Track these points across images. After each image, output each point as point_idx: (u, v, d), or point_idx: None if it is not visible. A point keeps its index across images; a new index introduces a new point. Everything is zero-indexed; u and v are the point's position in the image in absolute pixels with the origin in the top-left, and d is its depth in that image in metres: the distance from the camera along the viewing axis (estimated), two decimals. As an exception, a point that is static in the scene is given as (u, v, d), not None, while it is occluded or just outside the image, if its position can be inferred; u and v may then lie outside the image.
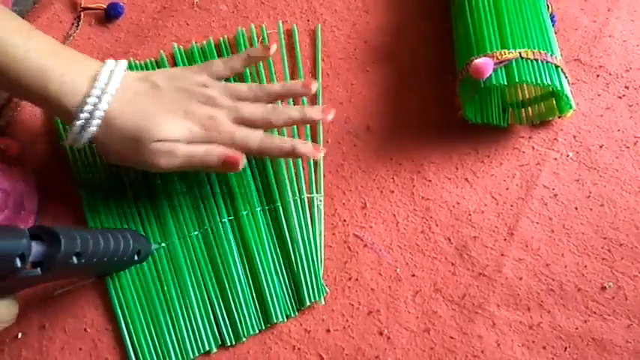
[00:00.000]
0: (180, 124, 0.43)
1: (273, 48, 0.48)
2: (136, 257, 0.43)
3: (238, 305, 0.46)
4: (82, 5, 0.55)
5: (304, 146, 0.45)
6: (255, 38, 0.54)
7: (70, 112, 0.41)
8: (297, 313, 0.46)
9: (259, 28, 0.55)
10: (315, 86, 0.47)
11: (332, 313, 0.46)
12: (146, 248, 0.44)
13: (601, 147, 0.51)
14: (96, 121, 0.41)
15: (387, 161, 0.50)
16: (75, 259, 0.35)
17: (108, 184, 0.49)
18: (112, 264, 0.41)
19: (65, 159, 0.49)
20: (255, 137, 0.44)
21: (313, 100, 0.52)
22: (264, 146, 0.44)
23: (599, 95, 0.52)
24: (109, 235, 0.39)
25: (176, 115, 0.43)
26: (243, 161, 0.43)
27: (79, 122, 0.41)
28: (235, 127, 0.44)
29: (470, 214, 0.49)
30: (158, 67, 0.53)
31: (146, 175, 0.49)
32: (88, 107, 0.41)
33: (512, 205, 0.49)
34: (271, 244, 0.48)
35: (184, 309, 0.46)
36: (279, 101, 0.49)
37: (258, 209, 0.48)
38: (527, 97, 0.51)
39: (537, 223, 0.48)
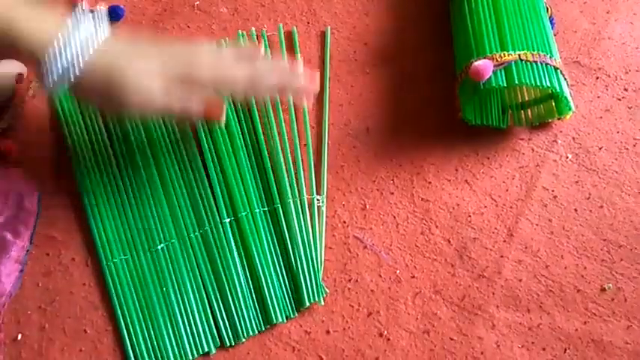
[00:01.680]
0: (157, 63, 0.41)
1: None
2: None
3: (238, 306, 0.46)
4: (83, 8, 0.55)
5: (296, 77, 0.44)
6: (256, 41, 0.54)
7: (37, 55, 0.39)
8: (296, 314, 0.46)
9: (259, 31, 0.55)
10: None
11: (332, 314, 0.46)
12: None
13: (600, 149, 0.51)
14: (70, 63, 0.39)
15: (386, 163, 0.51)
16: None
17: (110, 186, 0.49)
18: None
19: (68, 162, 0.49)
20: (241, 73, 0.42)
21: (319, 103, 0.53)
22: (253, 80, 0.42)
23: (598, 97, 0.53)
24: None
25: (153, 58, 0.41)
26: (224, 108, 0.42)
27: (50, 64, 0.39)
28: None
29: (469, 216, 0.49)
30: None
31: (148, 176, 0.49)
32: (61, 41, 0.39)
33: (511, 207, 0.49)
34: (271, 245, 0.48)
35: (183, 310, 0.46)
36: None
37: (258, 211, 0.48)
38: (526, 99, 0.52)
39: (537, 224, 0.48)
